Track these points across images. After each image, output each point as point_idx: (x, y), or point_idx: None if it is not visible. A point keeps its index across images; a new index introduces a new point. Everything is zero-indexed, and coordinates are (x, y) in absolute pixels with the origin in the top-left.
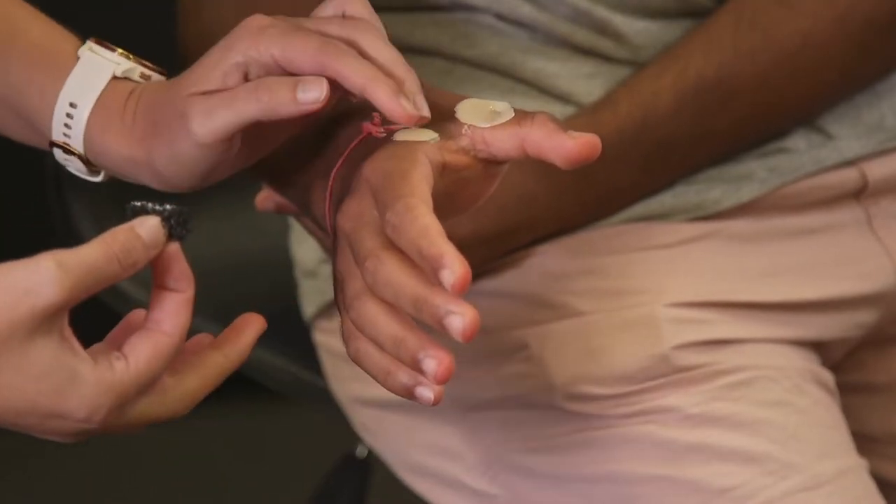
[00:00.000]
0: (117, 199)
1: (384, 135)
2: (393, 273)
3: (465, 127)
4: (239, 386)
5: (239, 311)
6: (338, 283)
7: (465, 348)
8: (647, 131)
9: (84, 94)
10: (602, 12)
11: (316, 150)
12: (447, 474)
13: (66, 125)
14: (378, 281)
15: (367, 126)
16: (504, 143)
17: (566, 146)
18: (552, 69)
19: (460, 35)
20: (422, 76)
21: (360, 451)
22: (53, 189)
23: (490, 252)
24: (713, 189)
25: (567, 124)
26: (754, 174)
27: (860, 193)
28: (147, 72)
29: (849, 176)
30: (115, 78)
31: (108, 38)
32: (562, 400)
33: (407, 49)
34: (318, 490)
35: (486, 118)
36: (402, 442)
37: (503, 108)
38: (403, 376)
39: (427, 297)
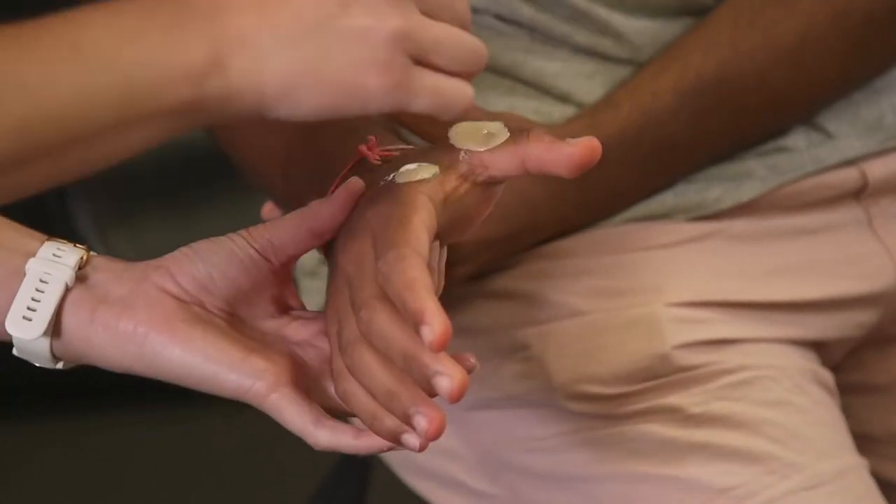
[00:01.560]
0: (118, 199)
1: (379, 161)
2: (385, 325)
3: (463, 152)
4: None
5: None
6: (332, 319)
7: (466, 347)
8: (648, 133)
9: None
10: (601, 12)
11: (311, 168)
12: (448, 474)
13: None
14: (371, 331)
15: (363, 150)
16: (503, 163)
17: (567, 153)
18: (552, 69)
19: None
20: None
21: None
22: (53, 189)
23: (494, 255)
24: (713, 188)
25: (567, 127)
26: (754, 173)
27: (860, 193)
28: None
29: (849, 175)
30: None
31: None
32: (563, 399)
33: None
34: (318, 490)
35: (481, 141)
36: None
37: (497, 129)
38: (390, 422)
39: (416, 354)
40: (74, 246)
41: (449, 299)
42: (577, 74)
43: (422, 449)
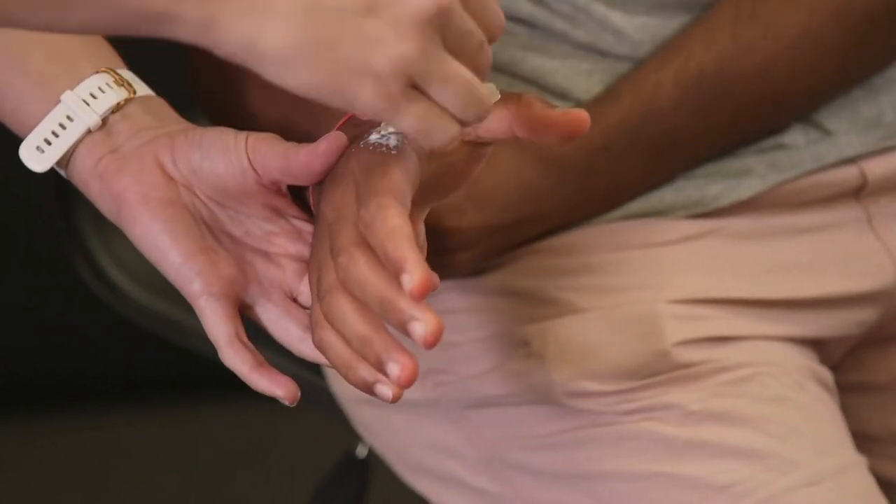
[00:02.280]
0: None
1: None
2: (363, 271)
3: None
4: (239, 386)
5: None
6: (313, 268)
7: (466, 344)
8: (650, 124)
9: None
10: (600, 9)
11: (303, 130)
12: (448, 472)
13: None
14: (349, 277)
15: None
16: (492, 125)
17: (554, 121)
18: (551, 66)
19: None
20: None
21: (360, 451)
22: (53, 189)
23: (495, 245)
24: (713, 185)
25: None
26: (753, 169)
27: (860, 192)
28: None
29: (848, 174)
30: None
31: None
32: (562, 397)
33: None
34: (318, 490)
35: None
36: (402, 440)
37: (489, 91)
38: (365, 371)
39: (393, 299)
40: (121, 85)
41: (450, 295)
42: (575, 71)
43: (395, 399)
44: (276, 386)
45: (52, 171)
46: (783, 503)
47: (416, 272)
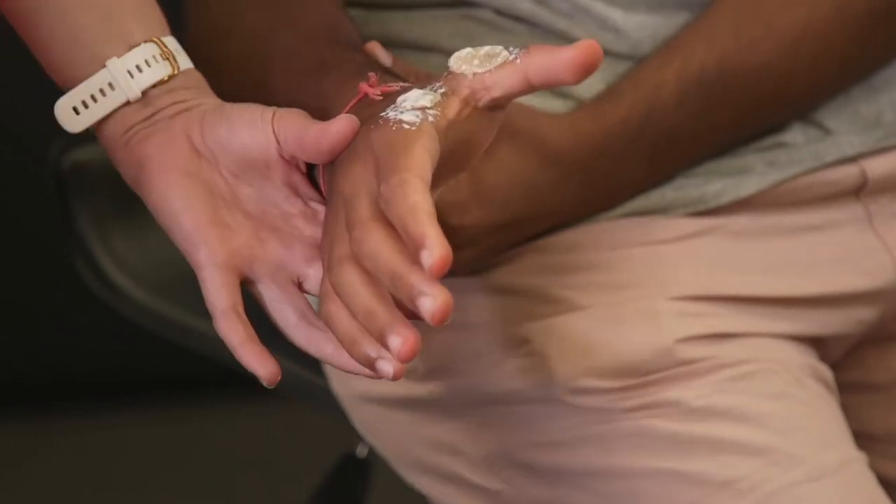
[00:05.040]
0: (118, 199)
1: (381, 97)
2: (376, 245)
3: (469, 75)
4: (239, 386)
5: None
6: (326, 242)
7: (467, 343)
8: (651, 123)
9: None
10: (600, 7)
11: (314, 107)
12: (449, 470)
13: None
14: (362, 250)
15: (364, 87)
16: (506, 81)
17: (569, 56)
18: None
19: (459, 31)
20: None
21: (360, 451)
22: (53, 189)
23: (498, 243)
24: (713, 183)
25: (570, 117)
26: (754, 167)
27: (860, 191)
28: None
29: (849, 173)
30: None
31: None
32: (564, 394)
33: (405, 45)
34: (318, 490)
35: (481, 62)
36: (403, 439)
37: (495, 51)
38: (368, 347)
39: (404, 274)
40: (167, 59)
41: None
42: None
43: (396, 376)
44: (260, 364)
45: (52, 172)
46: (786, 498)
47: (436, 248)
